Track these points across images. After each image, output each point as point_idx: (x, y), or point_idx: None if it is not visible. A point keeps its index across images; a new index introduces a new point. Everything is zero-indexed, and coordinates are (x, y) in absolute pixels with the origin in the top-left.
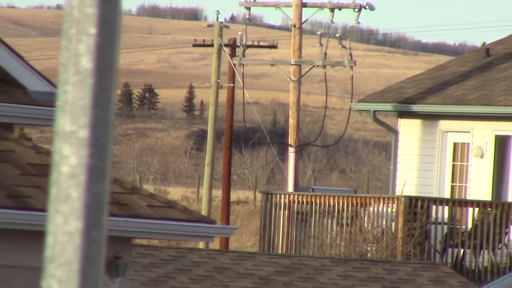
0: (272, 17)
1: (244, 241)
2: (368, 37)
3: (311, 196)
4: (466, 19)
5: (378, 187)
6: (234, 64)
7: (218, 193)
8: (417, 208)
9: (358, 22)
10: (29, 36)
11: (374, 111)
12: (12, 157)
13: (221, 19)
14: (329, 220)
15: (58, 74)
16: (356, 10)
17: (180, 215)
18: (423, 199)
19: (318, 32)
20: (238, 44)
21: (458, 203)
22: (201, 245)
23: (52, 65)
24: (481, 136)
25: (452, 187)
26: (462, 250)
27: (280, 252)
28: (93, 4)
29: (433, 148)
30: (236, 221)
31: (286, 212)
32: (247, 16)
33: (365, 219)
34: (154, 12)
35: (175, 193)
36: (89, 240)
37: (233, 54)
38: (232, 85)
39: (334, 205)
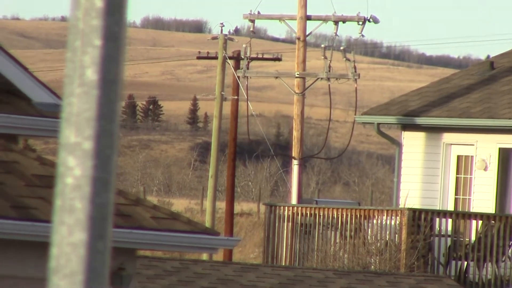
0: (276, 30)
1: (248, 252)
2: (372, 50)
3: (315, 208)
4: (470, 32)
5: (381, 200)
6: (238, 77)
7: (221, 205)
8: (420, 220)
9: (362, 35)
10: (33, 47)
11: (378, 124)
12: (16, 168)
13: (225, 32)
14: (333, 232)
15: (63, 85)
16: (360, 23)
17: (184, 226)
18: (426, 211)
19: (322, 45)
20: (242, 57)
21: (461, 215)
22: (204, 256)
23: (57, 77)
24: (485, 149)
25: (456, 200)
26: (465, 262)
27: (283, 264)
28: (98, 16)
29: (436, 161)
30: (240, 233)
31: (290, 224)
32: (251, 29)
33: (369, 232)
34: (158, 24)
35: (178, 204)
36: (93, 251)
37: (237, 67)
38: (236, 97)
39: (337, 218)
